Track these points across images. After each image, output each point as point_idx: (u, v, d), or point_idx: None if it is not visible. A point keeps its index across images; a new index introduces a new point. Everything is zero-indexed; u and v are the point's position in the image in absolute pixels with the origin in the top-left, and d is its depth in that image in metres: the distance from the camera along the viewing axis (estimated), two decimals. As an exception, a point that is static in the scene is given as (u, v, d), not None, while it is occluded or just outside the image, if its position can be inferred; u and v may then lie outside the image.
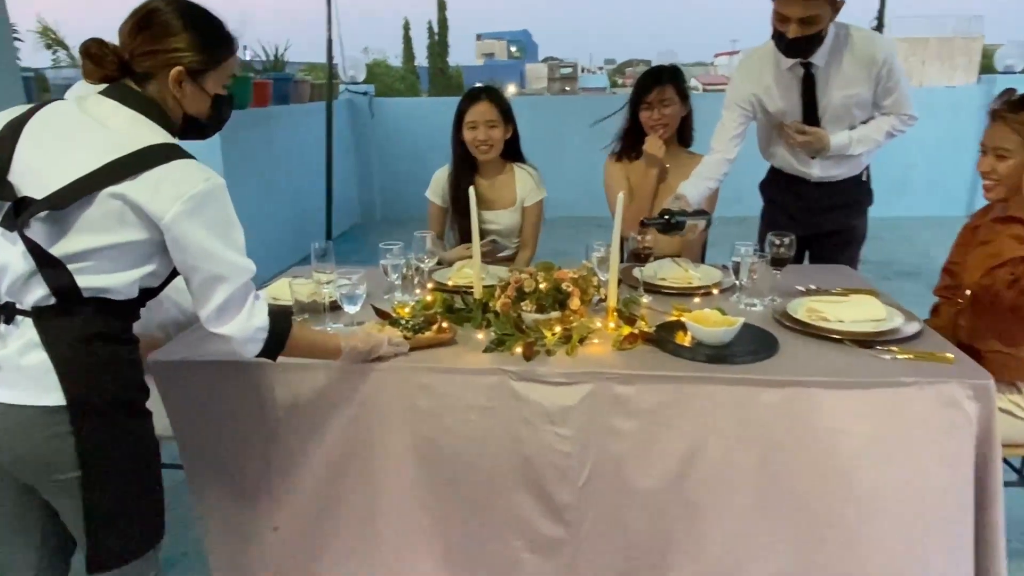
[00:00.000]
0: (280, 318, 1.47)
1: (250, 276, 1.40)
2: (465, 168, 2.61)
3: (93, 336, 1.29)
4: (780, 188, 2.64)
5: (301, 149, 5.93)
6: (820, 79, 2.36)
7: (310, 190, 5.97)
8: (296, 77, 6.29)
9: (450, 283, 2.20)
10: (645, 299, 2.06)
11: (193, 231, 1.30)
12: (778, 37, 2.28)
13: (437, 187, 2.73)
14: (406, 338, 1.72)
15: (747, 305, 2.02)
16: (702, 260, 2.74)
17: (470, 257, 2.33)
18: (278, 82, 5.82)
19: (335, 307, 1.92)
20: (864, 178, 2.56)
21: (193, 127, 1.48)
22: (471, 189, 1.95)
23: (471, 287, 2.16)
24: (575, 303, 1.81)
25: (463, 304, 1.97)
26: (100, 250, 1.27)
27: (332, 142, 5.95)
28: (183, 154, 1.32)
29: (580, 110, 7.38)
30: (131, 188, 1.25)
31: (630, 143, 2.72)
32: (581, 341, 1.74)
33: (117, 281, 1.30)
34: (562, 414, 1.62)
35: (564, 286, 1.80)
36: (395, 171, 7.46)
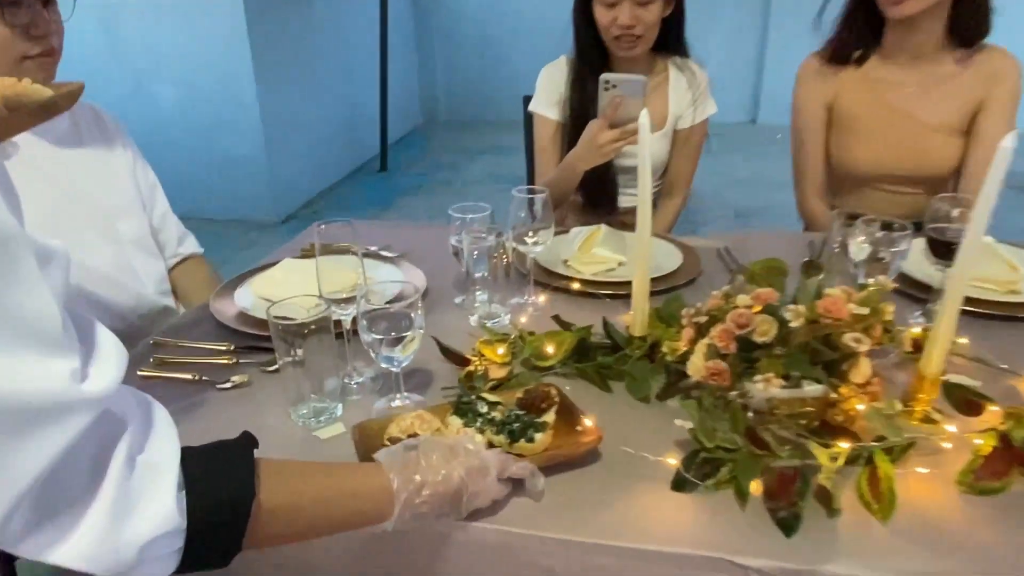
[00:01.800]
0: (217, 479, 0.59)
1: (87, 421, 0.51)
2: (595, 65, 1.58)
3: None
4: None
5: (349, 35, 4.88)
6: None
7: (361, 86, 4.97)
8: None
9: (573, 282, 1.25)
10: (959, 337, 1.07)
11: None
12: None
13: (550, 92, 1.68)
14: (490, 444, 0.81)
15: None
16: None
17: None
18: (322, -51, 4.71)
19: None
20: None
21: None
22: (644, 113, 0.95)
23: (611, 280, 1.22)
24: (864, 372, 0.84)
25: (610, 339, 1.03)
26: None
27: (387, 26, 4.88)
28: None
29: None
30: None
31: (850, 35, 1.61)
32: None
33: None
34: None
35: (855, 339, 0.83)
36: (462, 62, 6.34)
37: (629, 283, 1.05)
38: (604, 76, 1.38)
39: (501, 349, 1.00)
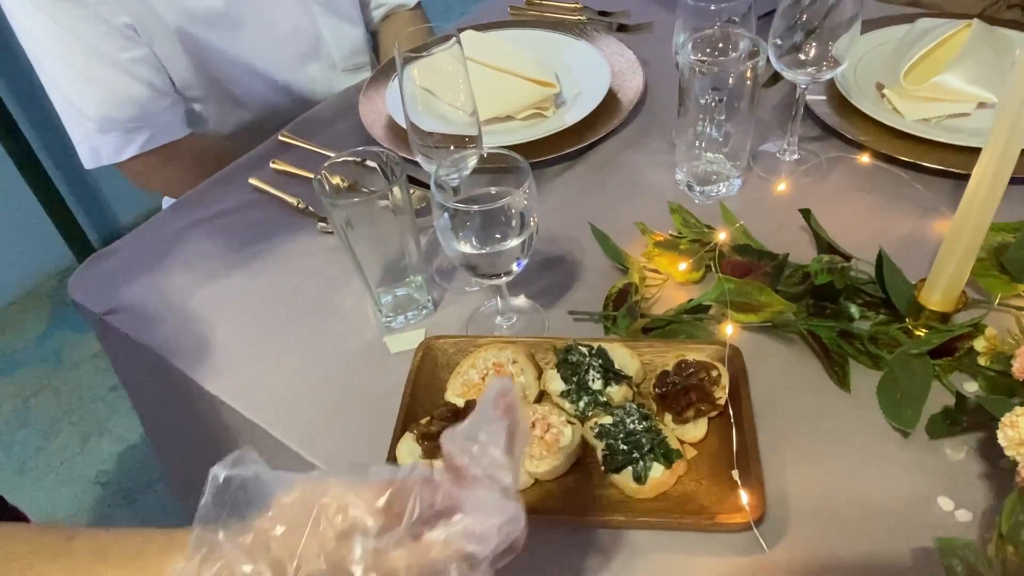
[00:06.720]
0: None
1: None
2: None
3: None
4: None
5: None
6: None
7: None
8: None
9: (878, 136, 0.73)
10: None
11: None
12: None
13: None
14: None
15: None
16: None
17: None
18: None
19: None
20: None
21: None
22: None
23: (948, 143, 0.70)
24: None
25: (883, 289, 0.57)
26: None
27: None
28: None
29: None
30: None
31: None
32: None
33: None
34: None
35: None
36: None
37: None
38: None
39: (683, 264, 0.61)
